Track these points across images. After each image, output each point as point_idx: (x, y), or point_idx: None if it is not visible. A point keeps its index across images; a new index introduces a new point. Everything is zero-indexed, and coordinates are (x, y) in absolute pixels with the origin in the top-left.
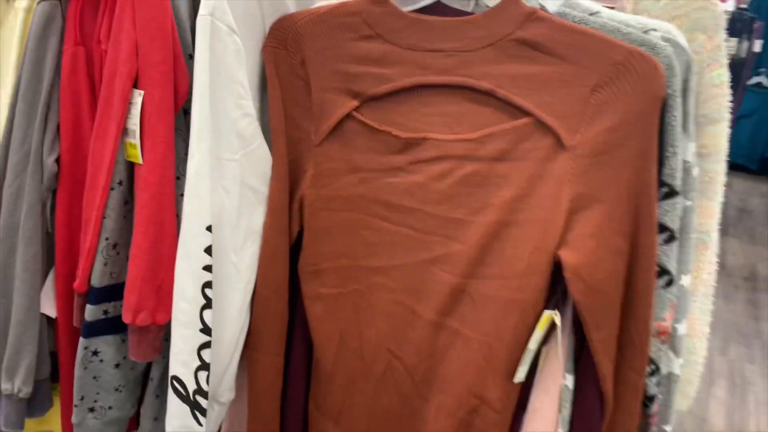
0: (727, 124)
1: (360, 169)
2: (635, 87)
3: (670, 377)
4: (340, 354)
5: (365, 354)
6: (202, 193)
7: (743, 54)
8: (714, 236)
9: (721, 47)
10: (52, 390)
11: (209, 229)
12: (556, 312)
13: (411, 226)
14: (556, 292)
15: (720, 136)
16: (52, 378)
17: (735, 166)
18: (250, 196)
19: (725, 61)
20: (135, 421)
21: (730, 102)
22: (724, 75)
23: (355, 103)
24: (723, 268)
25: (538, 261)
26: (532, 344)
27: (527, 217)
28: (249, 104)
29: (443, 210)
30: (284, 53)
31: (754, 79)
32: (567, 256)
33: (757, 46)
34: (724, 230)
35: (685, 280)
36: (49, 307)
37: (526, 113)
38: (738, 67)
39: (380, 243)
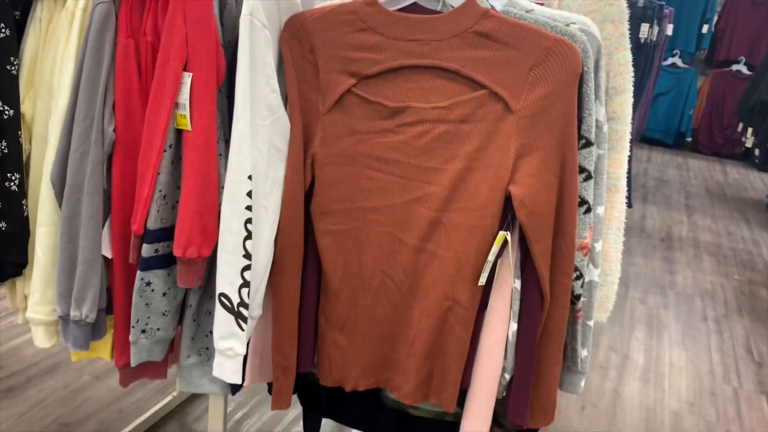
0: (630, 94)
1: (358, 131)
2: (560, 65)
3: (591, 284)
4: (344, 276)
5: (364, 275)
6: (245, 150)
7: (654, 38)
8: (623, 182)
9: (625, 34)
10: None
11: (250, 177)
12: (508, 232)
13: (398, 175)
14: (507, 217)
15: (626, 104)
16: (105, 310)
17: (654, 141)
18: (275, 154)
19: (629, 45)
20: (171, 344)
21: (652, 83)
22: (628, 56)
23: (353, 81)
24: (643, 231)
25: (494, 195)
26: (491, 257)
27: (485, 164)
28: (275, 82)
29: (422, 161)
30: (297, 43)
31: (669, 60)
32: (515, 190)
33: (669, 30)
34: (644, 198)
35: (600, 210)
36: (106, 249)
37: (483, 86)
38: (652, 50)
39: (374, 189)
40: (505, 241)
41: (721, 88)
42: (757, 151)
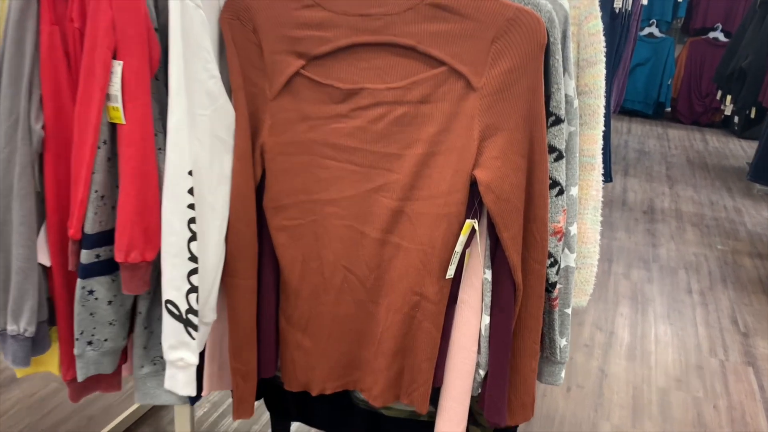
0: (603, 66)
1: (309, 117)
2: (523, 37)
3: (567, 270)
4: (304, 273)
5: (325, 271)
6: (183, 143)
7: (629, 7)
8: (598, 159)
9: (595, 2)
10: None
11: (190, 173)
12: (475, 220)
13: (355, 163)
14: (473, 204)
15: (598, 76)
16: (48, 322)
17: (633, 112)
18: (219, 146)
19: (599, 13)
20: (125, 353)
21: (629, 53)
22: (599, 25)
23: (301, 62)
24: (624, 204)
25: (458, 181)
26: (458, 247)
27: (448, 147)
28: (214, 67)
29: (380, 147)
30: (238, 23)
31: (646, 30)
32: (480, 175)
33: None
34: (625, 171)
35: (574, 191)
36: (43, 256)
37: (442, 63)
38: (627, 19)
39: (330, 179)
40: (473, 230)
41: (699, 56)
42: (736, 119)
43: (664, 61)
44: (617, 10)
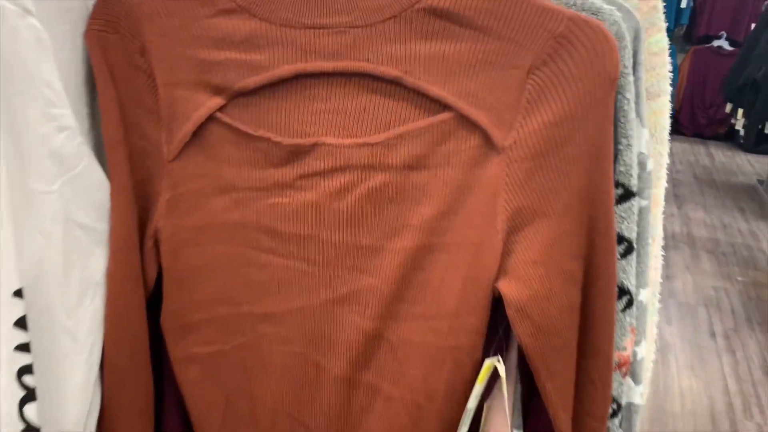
0: (668, 98)
1: (233, 188)
2: (583, 66)
3: (631, 408)
4: (226, 424)
5: (260, 421)
6: (1, 243)
7: None
8: (660, 228)
9: (659, 8)
10: None
11: (19, 293)
12: (499, 358)
13: (306, 259)
14: (496, 332)
15: (662, 112)
16: None
17: None
18: (80, 238)
19: (663, 25)
20: None
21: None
22: (663, 41)
23: (218, 100)
24: None
25: (472, 296)
26: (472, 402)
27: (455, 240)
28: (65, 113)
29: (347, 235)
30: (116, 38)
31: None
32: (509, 289)
33: None
34: None
35: (644, 295)
36: None
37: (445, 106)
38: None
39: (268, 283)
40: (495, 374)
41: (703, 66)
42: (742, 131)
43: None
44: None
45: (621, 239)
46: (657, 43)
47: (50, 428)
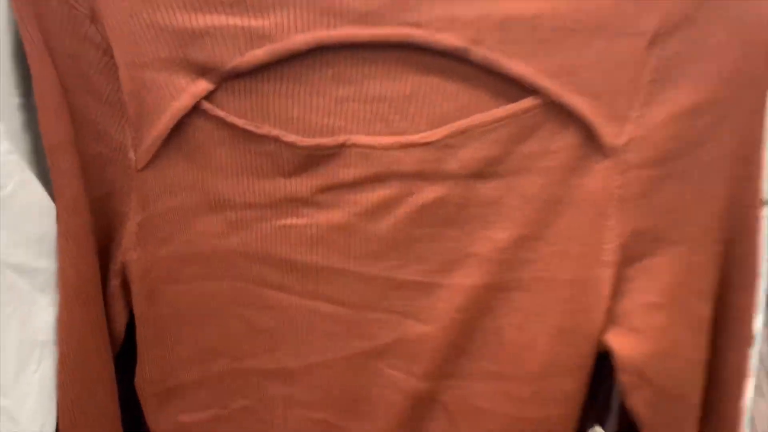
0: None
1: (228, 204)
2: (733, 30)
3: None
4: None
5: None
6: None
7: None
8: None
9: None
10: None
11: None
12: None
13: (331, 299)
14: (596, 396)
15: None
16: None
17: None
18: (17, 283)
19: None
20: None
21: None
22: None
23: (204, 85)
24: None
25: (566, 352)
26: None
27: (541, 276)
28: None
29: (387, 269)
30: (57, 2)
31: None
32: (622, 345)
33: None
34: None
35: (760, 321)
36: None
37: (529, 89)
38: None
39: (278, 330)
40: None
41: None
42: None
43: None
44: None
45: None
46: None
47: None
